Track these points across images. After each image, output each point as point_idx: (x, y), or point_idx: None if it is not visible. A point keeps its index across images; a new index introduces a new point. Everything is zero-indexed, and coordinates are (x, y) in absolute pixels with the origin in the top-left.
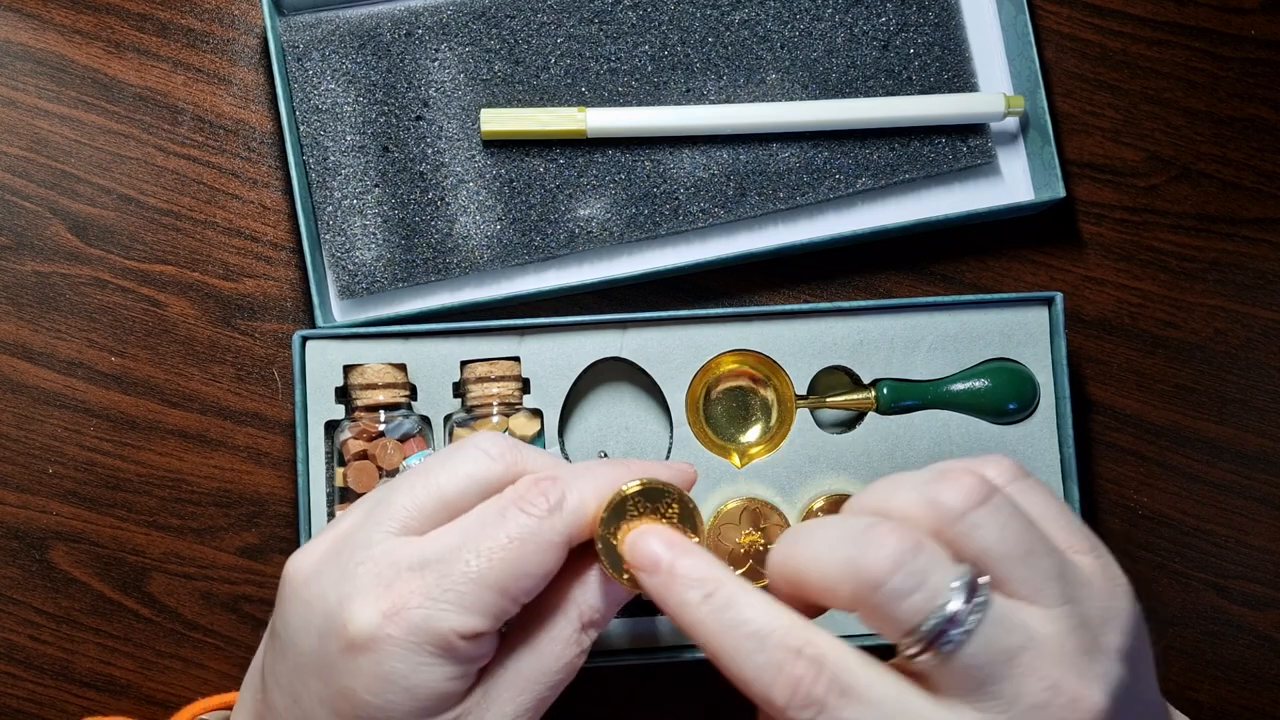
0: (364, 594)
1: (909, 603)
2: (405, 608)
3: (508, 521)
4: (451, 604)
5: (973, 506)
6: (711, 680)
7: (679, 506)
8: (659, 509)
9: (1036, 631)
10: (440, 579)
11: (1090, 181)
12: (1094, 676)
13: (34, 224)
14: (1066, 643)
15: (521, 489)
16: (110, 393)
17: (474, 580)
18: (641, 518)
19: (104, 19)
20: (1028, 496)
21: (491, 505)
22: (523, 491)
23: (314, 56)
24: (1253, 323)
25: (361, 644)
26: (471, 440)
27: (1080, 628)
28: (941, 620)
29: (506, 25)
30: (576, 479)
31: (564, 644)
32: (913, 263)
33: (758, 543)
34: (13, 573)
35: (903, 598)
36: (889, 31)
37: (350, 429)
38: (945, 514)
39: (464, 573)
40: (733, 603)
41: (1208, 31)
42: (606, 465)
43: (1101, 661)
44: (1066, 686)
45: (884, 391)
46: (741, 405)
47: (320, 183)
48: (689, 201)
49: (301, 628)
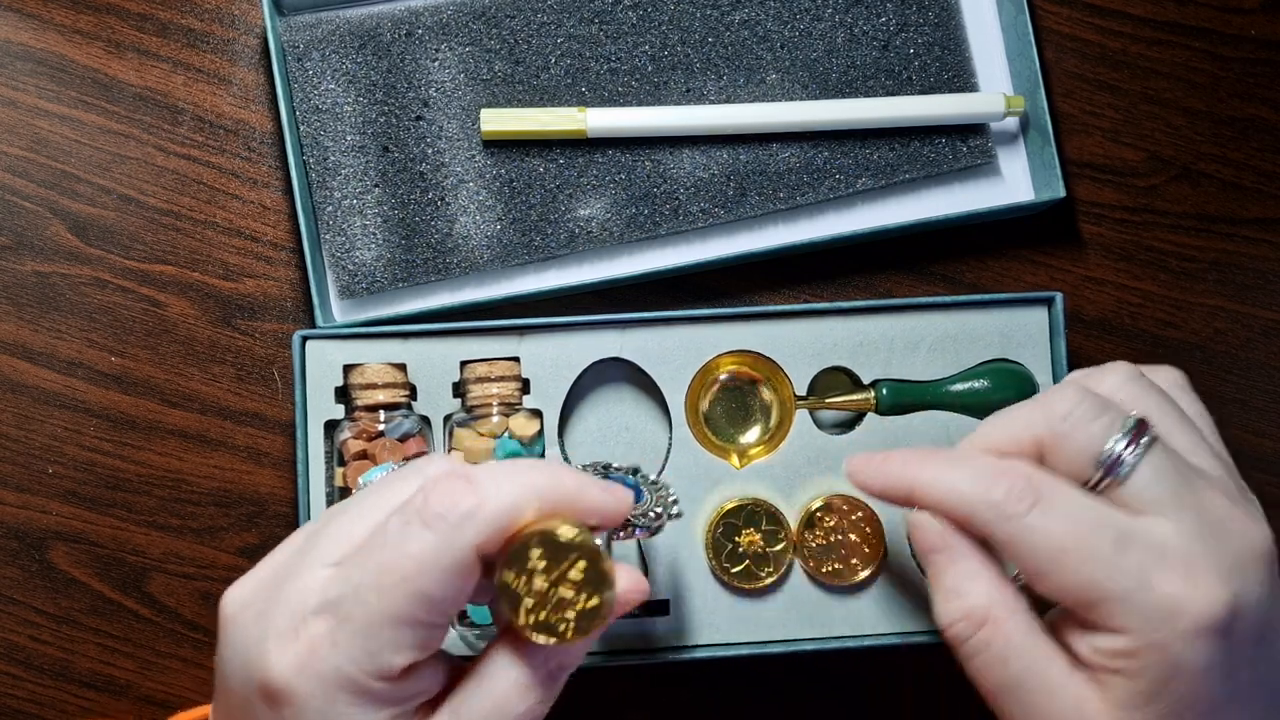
0: (278, 640)
1: (1092, 427)
2: (314, 656)
3: (409, 539)
4: (358, 647)
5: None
6: (703, 680)
7: (585, 565)
8: (560, 564)
9: (1204, 470)
10: (342, 622)
11: (1090, 181)
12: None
13: (34, 224)
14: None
15: (429, 494)
16: (110, 393)
17: (376, 617)
18: (543, 573)
19: (104, 19)
20: (1180, 403)
21: (396, 519)
22: (429, 498)
23: (314, 56)
24: (1253, 323)
25: (278, 696)
26: (415, 465)
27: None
28: (1118, 446)
29: (506, 25)
30: (494, 481)
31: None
32: (913, 263)
33: (757, 543)
34: (13, 573)
35: (1087, 423)
36: (889, 31)
37: (350, 429)
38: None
39: (364, 612)
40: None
41: (1208, 31)
42: (531, 469)
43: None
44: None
45: (883, 392)
46: (741, 406)
47: (320, 183)
48: (689, 201)
49: (230, 668)
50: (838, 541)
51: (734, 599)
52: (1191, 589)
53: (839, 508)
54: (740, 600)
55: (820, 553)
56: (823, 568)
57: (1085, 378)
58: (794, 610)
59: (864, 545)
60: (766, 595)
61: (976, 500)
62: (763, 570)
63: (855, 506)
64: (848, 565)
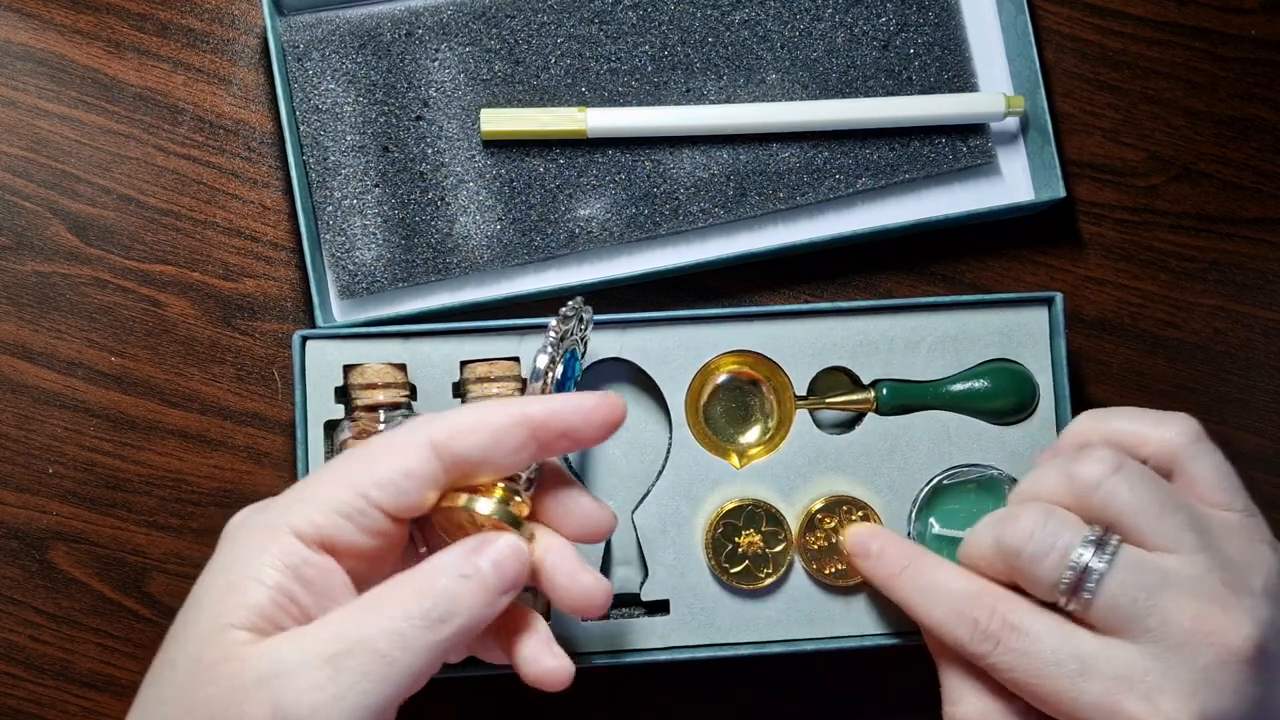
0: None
1: (1046, 562)
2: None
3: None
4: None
5: (1106, 476)
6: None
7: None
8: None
9: (1175, 572)
10: (304, 486)
11: (1090, 181)
12: (1240, 609)
13: (34, 224)
14: (1208, 580)
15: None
16: (110, 393)
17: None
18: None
19: (104, 19)
20: (1198, 460)
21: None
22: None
23: (314, 56)
24: (1253, 323)
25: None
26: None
27: (1222, 568)
28: (1076, 571)
29: (506, 25)
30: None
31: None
32: (913, 263)
33: (757, 544)
34: (13, 573)
35: (1040, 559)
36: (889, 31)
37: (350, 429)
38: (1083, 487)
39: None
40: (923, 570)
41: (1208, 31)
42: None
43: (1246, 597)
44: (1212, 616)
45: (884, 392)
46: (741, 406)
47: (320, 183)
48: (689, 201)
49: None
50: (839, 542)
51: (734, 599)
52: (1154, 716)
53: (839, 509)
54: (740, 600)
55: (822, 554)
56: (826, 569)
57: (1061, 470)
58: (794, 610)
59: None
60: (766, 595)
61: (948, 634)
62: (762, 570)
63: (855, 507)
64: (850, 565)
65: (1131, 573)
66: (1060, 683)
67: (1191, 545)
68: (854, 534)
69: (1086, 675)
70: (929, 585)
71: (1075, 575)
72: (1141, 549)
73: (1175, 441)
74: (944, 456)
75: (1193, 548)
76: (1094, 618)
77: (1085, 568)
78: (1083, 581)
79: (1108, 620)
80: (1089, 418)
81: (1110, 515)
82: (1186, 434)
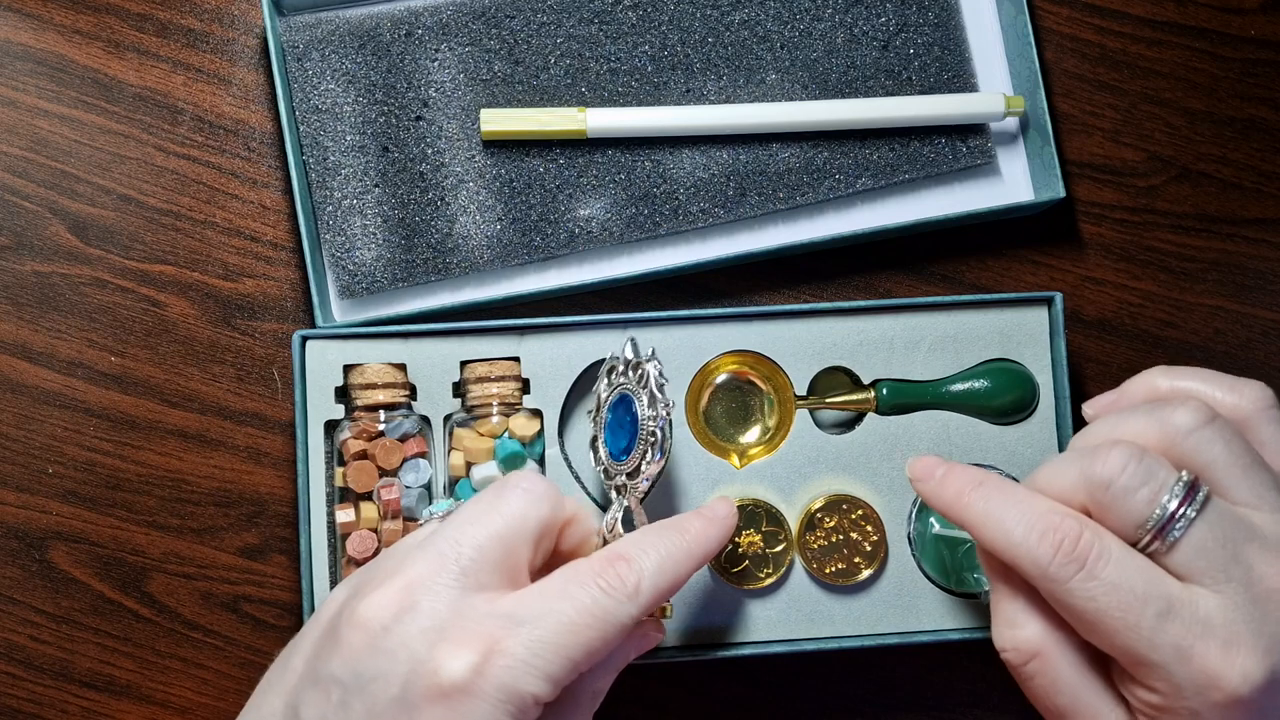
0: (455, 644)
1: (1137, 497)
2: (496, 662)
3: (591, 599)
4: (537, 668)
5: (1200, 425)
6: (704, 680)
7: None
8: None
9: (1260, 529)
10: (530, 642)
11: (1090, 181)
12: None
13: (34, 224)
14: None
15: (599, 567)
16: (110, 393)
17: (557, 649)
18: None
19: (104, 19)
20: (1269, 426)
21: (573, 579)
22: (600, 569)
23: (314, 56)
24: (1253, 323)
25: (451, 691)
26: (510, 481)
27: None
28: (1165, 513)
29: (506, 25)
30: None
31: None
32: (913, 263)
33: (757, 544)
34: (13, 573)
35: (1131, 493)
36: (889, 31)
37: (350, 429)
38: (1174, 432)
39: (551, 641)
40: (1002, 488)
41: (1208, 31)
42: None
43: None
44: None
45: (883, 392)
46: (741, 406)
47: (320, 183)
48: (689, 201)
49: (380, 677)
50: (839, 541)
51: (734, 599)
52: (1228, 665)
53: (839, 508)
54: (740, 600)
55: (822, 554)
56: (826, 568)
57: (1150, 414)
58: (794, 610)
59: (865, 544)
60: (766, 595)
61: (1024, 555)
62: (762, 570)
63: (855, 506)
64: (850, 565)
65: (1219, 522)
66: (1142, 620)
67: (1274, 504)
68: (918, 459)
69: (1166, 617)
70: (1008, 502)
71: (1164, 516)
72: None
73: (1248, 408)
74: (944, 456)
75: (1275, 506)
76: (1173, 562)
77: (1174, 512)
78: (1171, 524)
79: (1189, 566)
80: (1161, 373)
81: (1198, 464)
82: (1261, 400)
